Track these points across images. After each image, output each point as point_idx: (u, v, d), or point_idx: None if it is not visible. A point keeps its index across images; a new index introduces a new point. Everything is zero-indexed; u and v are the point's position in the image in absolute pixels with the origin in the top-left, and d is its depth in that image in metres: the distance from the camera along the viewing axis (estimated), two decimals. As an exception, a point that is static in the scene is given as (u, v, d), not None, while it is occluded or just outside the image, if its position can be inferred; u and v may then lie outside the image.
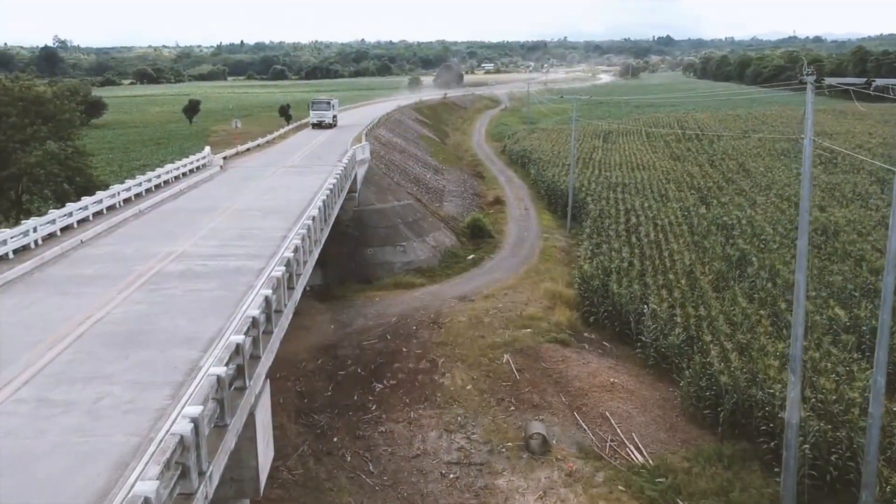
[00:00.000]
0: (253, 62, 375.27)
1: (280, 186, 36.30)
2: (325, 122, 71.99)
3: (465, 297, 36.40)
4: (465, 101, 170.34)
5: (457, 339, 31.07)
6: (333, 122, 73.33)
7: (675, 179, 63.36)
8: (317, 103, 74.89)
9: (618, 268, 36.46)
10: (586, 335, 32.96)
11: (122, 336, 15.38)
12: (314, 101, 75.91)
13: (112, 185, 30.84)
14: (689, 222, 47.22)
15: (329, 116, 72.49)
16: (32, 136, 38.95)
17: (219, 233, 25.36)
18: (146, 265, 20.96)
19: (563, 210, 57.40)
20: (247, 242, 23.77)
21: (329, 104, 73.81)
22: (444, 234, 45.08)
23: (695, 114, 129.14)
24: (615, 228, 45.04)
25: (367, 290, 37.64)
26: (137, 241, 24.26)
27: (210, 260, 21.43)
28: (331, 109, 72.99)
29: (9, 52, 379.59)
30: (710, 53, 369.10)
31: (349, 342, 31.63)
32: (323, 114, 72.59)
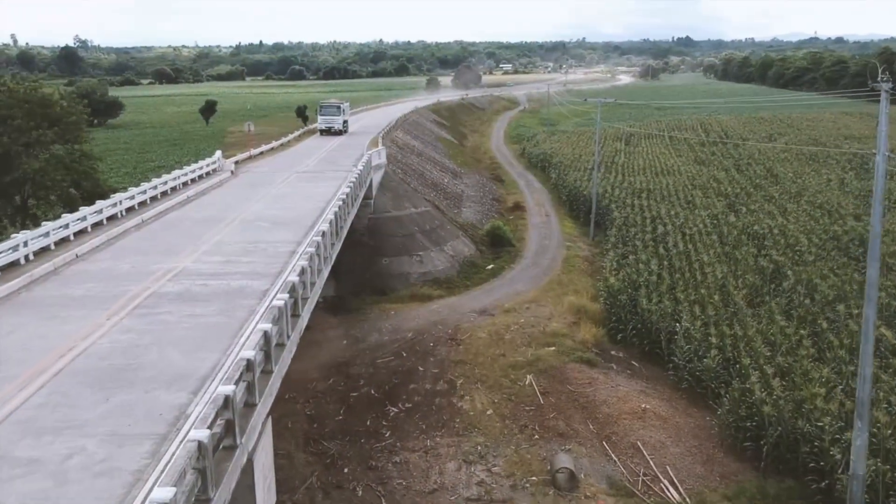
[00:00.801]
0: (271, 62, 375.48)
1: (291, 194, 34.70)
2: (334, 128, 65.86)
3: (484, 311, 34.65)
4: (484, 102, 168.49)
5: (476, 358, 29.33)
6: (344, 128, 67.18)
7: (701, 185, 61.25)
8: (325, 107, 68.01)
9: (646, 281, 34.53)
10: (613, 353, 31.08)
11: (105, 373, 13.76)
12: (322, 105, 69.11)
13: (114, 194, 29.27)
14: (719, 231, 45.21)
15: (339, 122, 66.13)
16: (37, 139, 37.60)
17: (223, 247, 23.74)
18: (142, 285, 19.35)
19: (586, 217, 55.51)
20: (252, 258, 22.11)
21: (339, 108, 67.03)
22: (462, 242, 43.31)
23: (717, 116, 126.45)
24: (641, 238, 43.08)
25: (382, 303, 35.95)
26: (136, 255, 22.68)
27: (211, 279, 19.80)
28: (340, 114, 66.39)
29: (30, 51, 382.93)
30: (730, 55, 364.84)
31: (362, 359, 29.97)
32: (332, 119, 66.17)
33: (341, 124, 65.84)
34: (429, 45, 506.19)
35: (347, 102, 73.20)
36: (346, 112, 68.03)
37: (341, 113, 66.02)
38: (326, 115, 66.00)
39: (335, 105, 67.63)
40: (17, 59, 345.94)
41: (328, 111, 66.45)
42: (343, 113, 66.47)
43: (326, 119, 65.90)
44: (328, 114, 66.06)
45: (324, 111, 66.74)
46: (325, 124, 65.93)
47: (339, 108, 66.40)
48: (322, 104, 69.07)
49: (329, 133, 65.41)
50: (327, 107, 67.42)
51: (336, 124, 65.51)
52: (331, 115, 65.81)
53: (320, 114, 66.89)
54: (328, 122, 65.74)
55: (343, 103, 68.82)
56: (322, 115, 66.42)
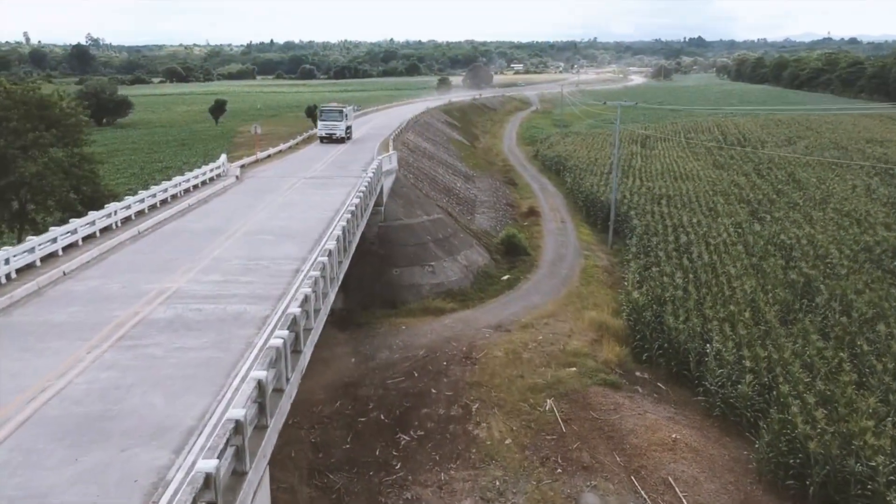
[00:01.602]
0: (282, 61, 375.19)
1: (298, 202, 32.96)
2: (336, 135, 59.51)
3: (500, 327, 32.85)
4: (495, 102, 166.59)
5: (493, 379, 27.53)
6: (347, 135, 61.07)
7: (722, 191, 59.25)
8: (326, 111, 61.34)
9: (672, 297, 32.64)
10: (638, 375, 29.21)
11: (78, 422, 12.06)
12: (323, 109, 62.30)
13: (109, 204, 27.50)
14: (744, 241, 43.27)
15: (341, 129, 59.76)
16: (35, 142, 36.02)
17: (222, 263, 21.99)
18: (131, 309, 17.65)
19: (603, 223, 53.64)
20: (253, 278, 20.37)
21: (341, 112, 60.41)
22: (476, 251, 41.50)
23: (733, 118, 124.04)
24: (664, 248, 41.17)
25: (392, 317, 34.18)
26: (128, 272, 20.97)
27: (206, 302, 18.07)
28: (343, 119, 60.00)
29: (42, 49, 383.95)
30: (743, 55, 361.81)
31: (372, 380, 28.22)
32: (333, 125, 59.70)
33: (344, 131, 60.09)
34: (440, 44, 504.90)
35: (351, 106, 67.60)
36: (349, 117, 62.45)
37: (344, 118, 60.09)
38: (327, 121, 60.18)
39: (337, 109, 61.33)
40: (28, 58, 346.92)
41: (329, 116, 60.56)
42: (346, 118, 60.69)
43: (327, 125, 60.08)
44: (329, 119, 60.26)
45: (324, 116, 60.83)
46: (326, 131, 60.09)
47: (342, 113, 60.36)
48: (322, 108, 62.95)
49: (330, 141, 59.67)
50: (328, 111, 61.43)
51: (338, 131, 59.68)
52: (332, 121, 59.99)
53: (320, 119, 61.03)
54: (329, 129, 59.93)
55: (346, 107, 62.81)
56: (322, 120, 60.63)
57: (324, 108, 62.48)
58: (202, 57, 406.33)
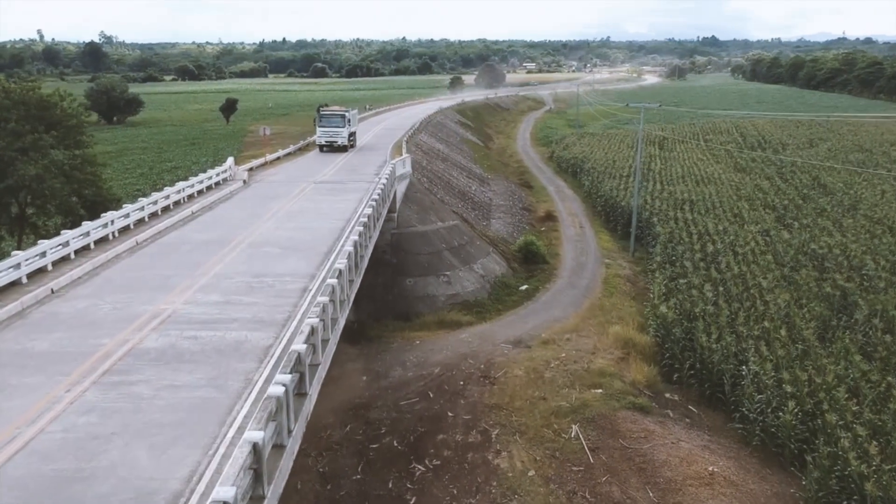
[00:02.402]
0: (294, 60, 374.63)
1: (307, 209, 31.25)
2: (337, 143, 53.02)
3: (520, 342, 31.07)
4: (509, 102, 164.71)
5: (513, 401, 25.77)
6: (350, 142, 54.71)
7: (746, 196, 57.16)
8: (325, 116, 53.87)
9: (703, 312, 30.76)
10: (668, 396, 27.37)
11: (45, 486, 10.37)
12: (322, 113, 54.32)
13: (105, 214, 25.79)
14: (773, 250, 41.28)
15: (343, 135, 53.12)
16: (34, 143, 34.52)
17: (223, 280, 20.27)
18: (120, 335, 15.96)
19: (624, 229, 51.74)
20: (256, 298, 18.65)
21: (343, 117, 53.51)
22: (493, 260, 39.71)
23: (751, 119, 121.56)
24: (690, 258, 39.25)
25: (405, 330, 32.48)
26: (121, 291, 19.28)
27: (203, 328, 16.37)
28: (345, 125, 53.29)
29: (56, 47, 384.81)
30: (758, 55, 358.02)
31: (384, 401, 26.52)
32: (334, 132, 53.00)
33: (346, 138, 53.51)
34: (452, 43, 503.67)
35: (355, 110, 60.46)
36: (352, 122, 55.72)
37: (346, 123, 53.49)
38: (327, 127, 53.31)
39: (338, 113, 54.33)
40: (42, 55, 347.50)
41: (329, 121, 53.58)
42: (348, 123, 53.94)
43: (327, 131, 53.25)
44: (329, 124, 53.40)
45: (323, 121, 53.58)
46: (326, 138, 53.34)
47: (344, 118, 53.56)
48: (322, 112, 54.76)
49: (331, 149, 53.25)
50: (328, 115, 54.06)
51: (339, 138, 53.08)
52: (332, 127, 53.28)
53: (319, 124, 53.62)
54: (329, 136, 53.26)
55: (348, 111, 55.62)
56: (321, 125, 53.47)
57: (323, 111, 54.97)
58: (214, 55, 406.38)
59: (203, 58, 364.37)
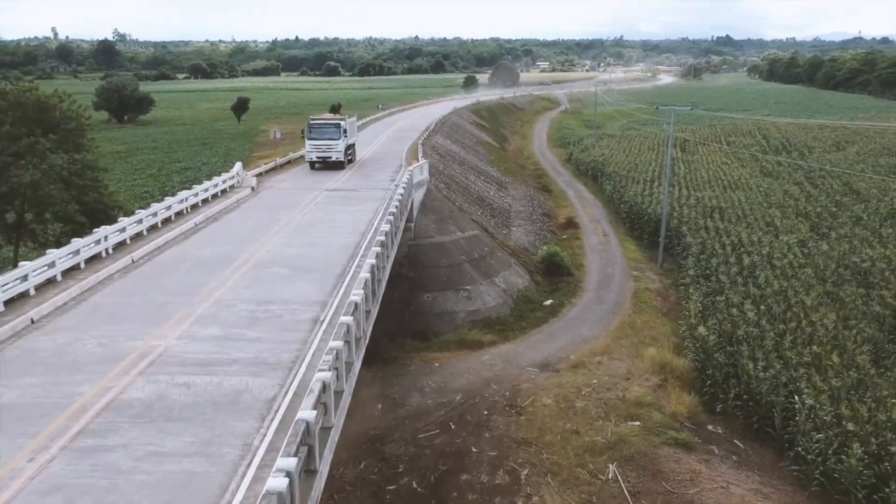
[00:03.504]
0: (307, 58, 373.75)
1: (318, 221, 29.04)
2: (331, 158, 43.59)
3: (547, 366, 28.83)
4: (524, 101, 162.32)
5: (543, 436, 23.53)
6: (348, 157, 45.40)
7: (777, 203, 54.54)
8: (316, 127, 44.02)
9: (746, 334, 28.36)
10: (711, 429, 25.06)
11: None
12: (313, 124, 44.35)
13: (98, 229, 23.60)
14: (813, 263, 38.75)
15: (337, 149, 43.51)
16: (30, 148, 32.51)
17: (224, 309, 18.05)
18: (101, 382, 13.79)
19: (650, 238, 49.32)
20: (260, 332, 16.43)
21: (337, 127, 43.86)
22: (515, 272, 37.43)
23: (773, 120, 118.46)
24: (727, 272, 36.81)
25: (423, 351, 30.28)
26: (108, 322, 17.11)
27: (198, 372, 14.15)
28: (340, 137, 43.62)
29: (69, 45, 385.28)
30: (774, 54, 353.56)
31: (402, 433, 24.33)
32: (328, 144, 43.41)
33: (342, 152, 43.88)
34: (465, 41, 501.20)
35: (353, 117, 51.41)
36: (349, 132, 45.98)
37: (341, 135, 43.77)
38: (318, 139, 43.69)
39: (331, 123, 44.63)
40: (55, 53, 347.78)
41: (321, 132, 43.89)
42: (344, 135, 44.18)
43: (317, 145, 43.65)
44: (321, 136, 43.77)
45: (314, 132, 43.83)
46: (317, 153, 43.75)
47: (339, 128, 43.85)
48: (312, 122, 44.63)
49: (324, 166, 44.02)
50: (319, 126, 44.13)
51: (334, 152, 43.58)
52: (324, 139, 43.65)
53: (308, 136, 43.98)
54: (321, 150, 43.64)
55: (345, 119, 45.93)
56: (311, 137, 43.76)
57: (314, 121, 44.86)
58: (227, 53, 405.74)
59: (216, 56, 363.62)
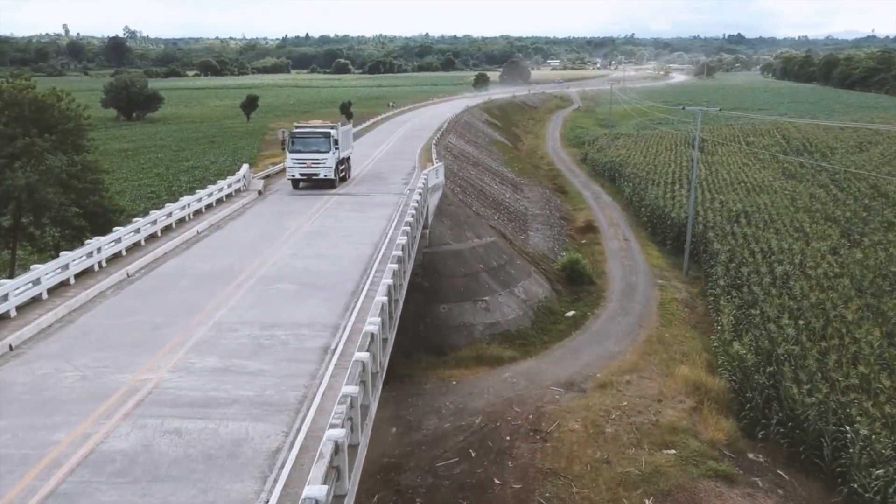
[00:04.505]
0: (317, 55, 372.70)
1: (328, 230, 27.22)
2: (318, 175, 36.01)
3: (572, 385, 26.93)
4: (536, 100, 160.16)
5: (571, 466, 21.65)
6: (341, 173, 37.84)
7: (804, 207, 52.32)
8: (300, 137, 36.51)
9: (787, 353, 26.37)
10: (752, 457, 23.12)
11: None
12: (296, 133, 36.81)
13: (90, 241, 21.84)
14: (849, 272, 36.66)
15: (327, 164, 35.87)
16: (25, 149, 30.84)
17: (225, 333, 16.24)
18: (80, 427, 11.95)
19: (674, 243, 47.35)
20: (264, 363, 14.58)
21: (327, 137, 36.16)
22: (535, 281, 35.52)
23: (792, 121, 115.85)
24: (759, 282, 34.78)
25: (440, 367, 28.42)
26: (95, 349, 15.32)
27: (192, 414, 12.29)
28: (330, 149, 35.98)
29: (80, 42, 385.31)
30: (788, 53, 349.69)
31: (418, 460, 22.51)
32: (315, 159, 35.79)
33: (333, 168, 36.21)
34: (475, 39, 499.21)
35: (348, 125, 43.95)
36: (342, 144, 37.73)
37: (331, 146, 36.04)
38: (302, 152, 36.03)
39: (320, 132, 36.61)
40: (66, 50, 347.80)
41: (306, 143, 36.18)
42: (335, 146, 36.33)
43: (301, 158, 35.96)
44: (306, 148, 36.07)
45: (297, 144, 36.18)
46: (300, 168, 36.11)
47: (328, 138, 36.16)
48: (296, 131, 37.05)
49: (309, 184, 36.68)
50: (304, 136, 36.50)
51: (322, 168, 35.90)
52: (310, 152, 35.97)
53: (289, 149, 36.32)
54: (306, 166, 35.98)
55: (336, 127, 37.57)
56: (293, 150, 36.10)
57: (298, 130, 37.32)
58: (238, 50, 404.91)
59: (226, 53, 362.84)
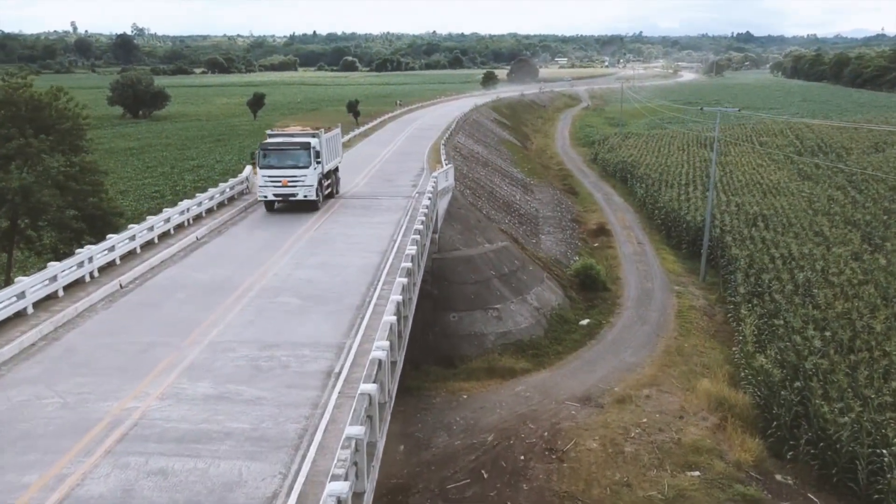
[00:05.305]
0: (324, 53, 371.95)
1: (333, 236, 26.03)
2: (295, 196, 30.44)
3: (588, 400, 25.69)
4: (544, 98, 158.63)
5: (590, 488, 20.44)
6: (328, 189, 33.12)
7: (822, 210, 50.86)
8: (272, 149, 30.86)
9: (815, 367, 25.05)
10: (780, 479, 21.87)
11: None
12: (268, 145, 31.21)
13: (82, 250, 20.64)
14: (874, 280, 35.27)
15: (307, 181, 30.41)
16: (20, 150, 29.74)
17: (220, 354, 15.04)
18: (56, 466, 10.75)
19: (689, 247, 46.03)
20: (262, 389, 13.37)
21: (307, 149, 30.60)
22: (548, 287, 34.28)
23: (803, 119, 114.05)
24: (781, 289, 33.45)
25: (449, 380, 27.22)
26: (80, 373, 14.13)
27: (180, 451, 11.08)
28: (311, 163, 30.50)
29: (88, 39, 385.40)
30: (797, 51, 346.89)
31: (427, 482, 21.33)
32: (292, 175, 30.27)
33: (313, 186, 30.62)
34: (483, 37, 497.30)
35: (335, 130, 36.28)
36: (327, 154, 32.64)
37: (311, 160, 30.53)
38: (274, 168, 30.41)
39: (297, 143, 31.01)
40: (74, 47, 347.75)
41: (280, 156, 30.58)
42: (316, 159, 30.86)
43: (274, 176, 30.32)
44: (280, 162, 30.49)
45: (270, 157, 30.56)
46: (273, 188, 30.47)
47: (308, 150, 30.57)
48: (268, 142, 31.55)
49: (286, 204, 31.23)
50: (277, 149, 30.86)
51: (300, 186, 30.34)
52: (286, 167, 30.42)
53: (260, 164, 30.75)
54: (280, 185, 30.39)
55: (318, 135, 31.91)
56: (264, 165, 30.53)
57: (271, 139, 32.05)
58: (245, 48, 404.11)
59: (234, 50, 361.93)
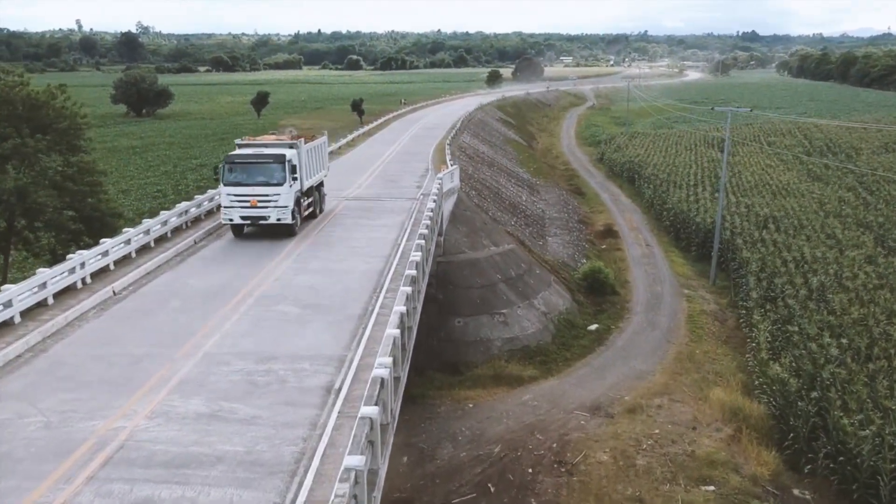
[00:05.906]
0: (329, 51, 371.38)
1: (335, 240, 25.29)
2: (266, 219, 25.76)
3: (598, 409, 24.92)
4: (550, 97, 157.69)
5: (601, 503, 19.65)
6: (308, 209, 28.91)
7: (834, 212, 49.97)
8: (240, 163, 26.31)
9: (832, 376, 24.24)
10: (797, 494, 21.09)
11: None
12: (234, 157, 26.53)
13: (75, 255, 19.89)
14: (889, 284, 34.43)
15: (280, 200, 25.83)
16: (16, 149, 29.04)
17: (215, 368, 14.30)
18: (32, 496, 10.00)
19: (699, 250, 45.21)
20: (257, 407, 12.61)
21: (281, 162, 26.12)
22: (555, 291, 33.48)
23: (812, 119, 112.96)
24: (794, 294, 32.63)
25: (454, 387, 26.46)
26: (65, 388, 13.38)
27: (167, 478, 10.20)
28: (286, 179, 25.94)
29: (92, 37, 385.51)
30: (804, 50, 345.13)
31: (432, 496, 20.59)
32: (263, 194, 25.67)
33: (287, 208, 26.02)
34: (487, 36, 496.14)
35: (320, 139, 32.13)
36: (307, 168, 28.59)
37: (286, 176, 26.05)
38: (241, 185, 25.95)
39: (269, 155, 26.53)
40: (79, 45, 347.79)
41: (248, 172, 26.18)
42: (292, 174, 26.47)
43: (241, 195, 25.83)
44: (249, 178, 26.03)
45: (237, 172, 26.16)
46: (240, 208, 25.94)
47: (282, 164, 26.13)
48: (234, 154, 26.96)
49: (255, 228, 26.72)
50: (245, 163, 26.43)
51: (272, 207, 25.80)
52: (255, 185, 25.93)
53: (224, 180, 26.13)
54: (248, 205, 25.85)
55: (295, 146, 27.65)
56: (229, 182, 26.07)
57: (239, 152, 27.27)
58: (250, 46, 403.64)
59: (238, 49, 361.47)
